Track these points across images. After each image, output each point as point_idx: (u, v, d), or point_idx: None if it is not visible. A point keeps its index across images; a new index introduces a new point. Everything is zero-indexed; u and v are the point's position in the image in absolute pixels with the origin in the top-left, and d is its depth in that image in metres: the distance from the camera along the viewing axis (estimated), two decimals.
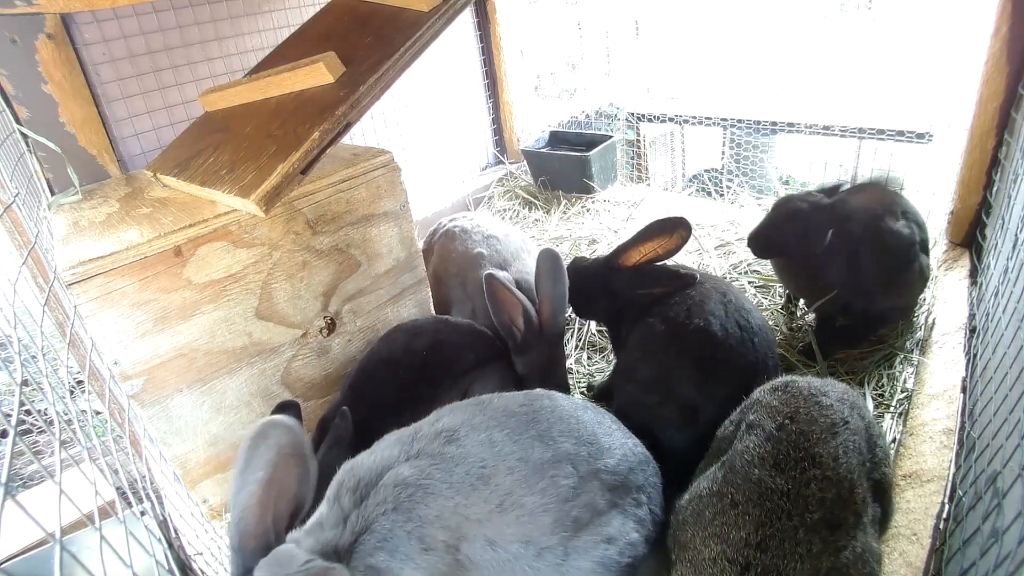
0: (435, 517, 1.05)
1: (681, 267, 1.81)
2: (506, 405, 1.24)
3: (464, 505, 1.07)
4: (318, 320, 1.83)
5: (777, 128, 3.68)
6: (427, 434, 1.17)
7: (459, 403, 1.28)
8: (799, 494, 1.01)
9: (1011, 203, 1.68)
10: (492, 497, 1.08)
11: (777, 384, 1.25)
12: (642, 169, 4.26)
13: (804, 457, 1.06)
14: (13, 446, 0.69)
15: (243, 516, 0.97)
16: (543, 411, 1.23)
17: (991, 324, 1.54)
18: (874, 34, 4.71)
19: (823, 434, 1.09)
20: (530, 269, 2.07)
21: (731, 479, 1.09)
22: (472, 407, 1.24)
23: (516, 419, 1.20)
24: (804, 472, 1.03)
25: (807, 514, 0.99)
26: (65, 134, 1.98)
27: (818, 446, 1.07)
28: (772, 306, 2.25)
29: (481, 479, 1.09)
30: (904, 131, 3.12)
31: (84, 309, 1.39)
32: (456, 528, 1.05)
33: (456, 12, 1.68)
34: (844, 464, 1.06)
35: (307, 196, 1.71)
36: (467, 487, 1.08)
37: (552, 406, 1.25)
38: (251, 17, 2.47)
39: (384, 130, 3.12)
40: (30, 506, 0.59)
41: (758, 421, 1.15)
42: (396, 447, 1.15)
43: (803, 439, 1.08)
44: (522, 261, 2.26)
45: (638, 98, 4.41)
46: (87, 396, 1.74)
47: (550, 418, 1.22)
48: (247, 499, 0.97)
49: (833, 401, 1.17)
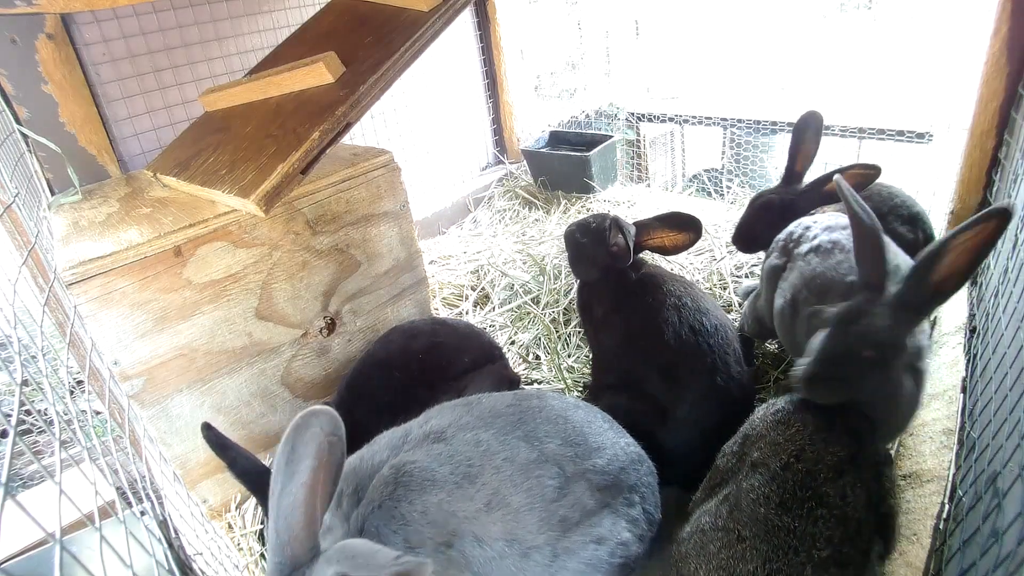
0: (420, 514, 1.04)
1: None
2: (494, 406, 1.24)
3: (449, 501, 1.07)
4: (318, 320, 1.83)
5: (777, 128, 3.68)
6: (416, 436, 1.17)
7: (448, 404, 1.28)
8: (806, 531, 1.00)
9: (1011, 203, 1.68)
10: (479, 496, 1.08)
11: (780, 413, 1.20)
12: (642, 169, 4.26)
13: (811, 496, 1.03)
14: (13, 446, 0.69)
15: (295, 507, 0.91)
16: (530, 412, 1.23)
17: (991, 324, 1.54)
18: (874, 34, 4.71)
19: (830, 472, 1.06)
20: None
21: (737, 516, 1.07)
22: (461, 408, 1.24)
23: (503, 420, 1.19)
24: (811, 512, 1.02)
25: (815, 551, 0.98)
26: (65, 134, 1.98)
27: (825, 485, 1.05)
28: None
29: (467, 477, 1.09)
30: (904, 131, 3.12)
31: (84, 309, 1.39)
32: (443, 524, 1.05)
33: (456, 12, 1.68)
34: (851, 502, 1.04)
35: (307, 196, 1.71)
36: (452, 484, 1.08)
37: (540, 406, 1.25)
38: (251, 17, 2.47)
39: (384, 130, 3.11)
40: (30, 506, 0.59)
41: (762, 459, 1.12)
42: (386, 450, 1.15)
43: (809, 479, 1.06)
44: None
45: (638, 98, 4.41)
46: (87, 396, 1.74)
47: (537, 419, 1.21)
48: (299, 489, 0.92)
49: (841, 434, 1.13)
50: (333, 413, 0.98)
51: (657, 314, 1.63)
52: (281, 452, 0.94)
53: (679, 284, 1.72)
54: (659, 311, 1.63)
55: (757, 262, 2.47)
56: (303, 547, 0.91)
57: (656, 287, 1.70)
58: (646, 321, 1.64)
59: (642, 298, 1.70)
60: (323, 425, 0.96)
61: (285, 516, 0.92)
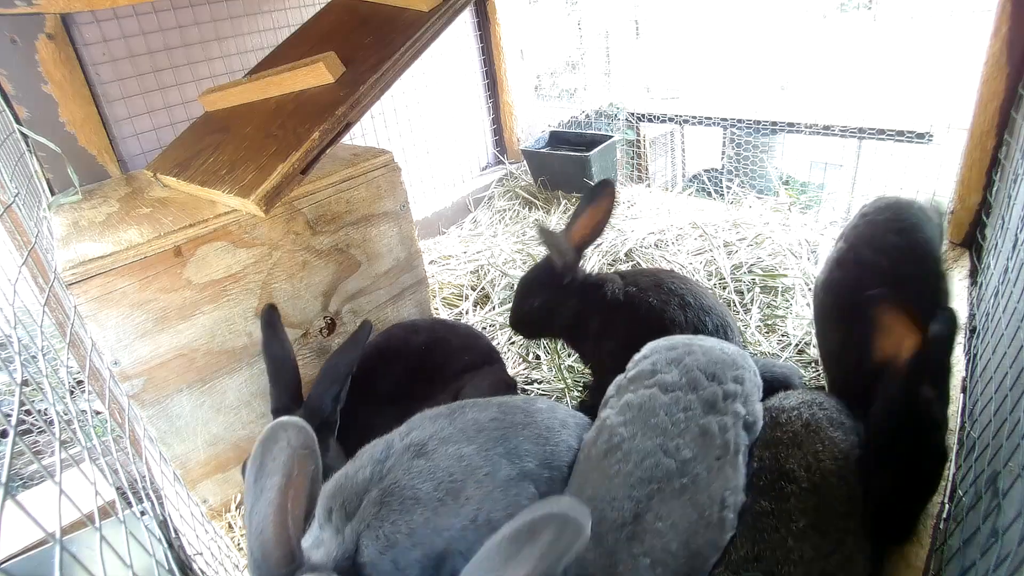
0: (406, 535, 1.02)
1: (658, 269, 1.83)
2: (477, 419, 1.20)
3: (433, 519, 1.04)
4: (318, 320, 1.83)
5: (777, 128, 3.68)
6: (398, 449, 1.14)
7: (431, 413, 1.24)
8: (781, 510, 1.05)
9: (1011, 203, 1.68)
10: (464, 511, 1.06)
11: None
12: (642, 169, 4.26)
13: (779, 477, 1.09)
14: (13, 446, 0.69)
15: (264, 526, 0.90)
16: (513, 428, 1.20)
17: (991, 324, 1.54)
18: (874, 34, 4.71)
19: (789, 449, 1.13)
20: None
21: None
22: (443, 419, 1.21)
23: (485, 435, 1.17)
24: (782, 490, 1.07)
25: (791, 524, 1.03)
26: (65, 134, 1.98)
27: (787, 462, 1.11)
28: (773, 306, 2.25)
29: (450, 493, 1.07)
30: (904, 131, 3.12)
31: (84, 309, 1.39)
32: (431, 544, 1.03)
33: (456, 12, 1.68)
34: (818, 470, 1.09)
35: (307, 196, 1.71)
36: (436, 502, 1.05)
37: (525, 422, 1.21)
38: (251, 17, 2.47)
39: (384, 130, 3.12)
40: (30, 506, 0.59)
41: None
42: (369, 466, 1.11)
43: (773, 461, 1.12)
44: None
45: (638, 98, 4.41)
46: (87, 396, 1.73)
47: (520, 436, 1.18)
48: (266, 508, 0.90)
49: (790, 410, 1.21)
50: (303, 425, 0.95)
51: (662, 318, 1.62)
52: (250, 468, 0.92)
53: (680, 280, 1.72)
54: (664, 312, 1.63)
55: (756, 261, 2.47)
56: (277, 565, 0.90)
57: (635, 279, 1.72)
58: (650, 326, 1.61)
59: (636, 294, 1.69)
60: (291, 439, 0.93)
61: (256, 535, 0.90)
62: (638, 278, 1.75)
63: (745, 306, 2.26)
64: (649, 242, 2.74)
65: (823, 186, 4.44)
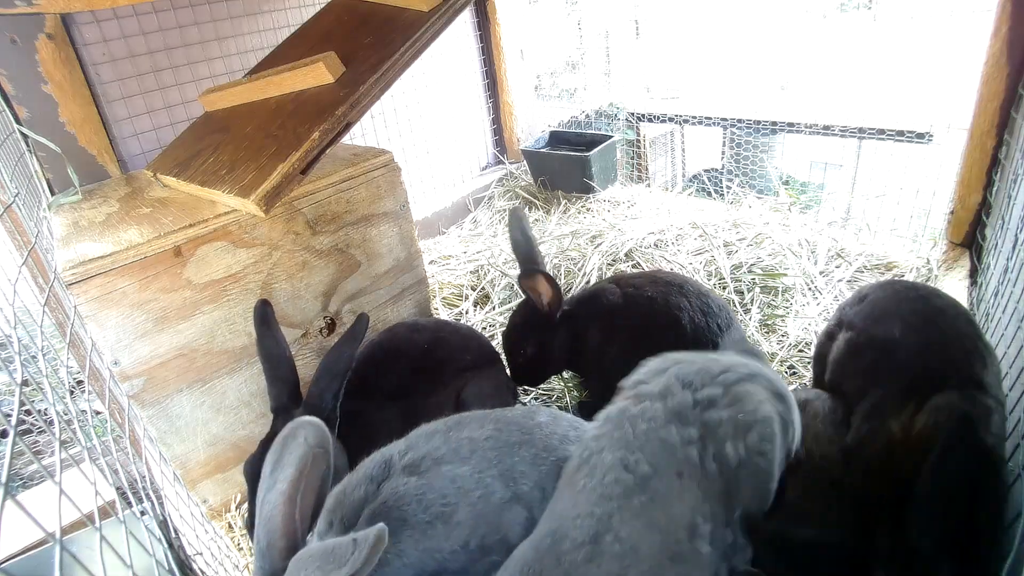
0: (396, 556, 1.01)
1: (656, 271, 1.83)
2: (472, 437, 1.18)
3: (423, 540, 1.04)
4: (318, 320, 1.83)
5: (777, 128, 3.68)
6: (395, 469, 1.13)
7: (428, 428, 1.22)
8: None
9: (1011, 203, 1.68)
10: (455, 535, 1.05)
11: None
12: (642, 169, 4.26)
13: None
14: (13, 446, 0.69)
15: (273, 514, 0.94)
16: (509, 448, 1.17)
17: (991, 324, 1.54)
18: (874, 34, 4.71)
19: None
20: None
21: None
22: (440, 436, 1.19)
23: (479, 455, 1.15)
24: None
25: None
26: (65, 134, 1.98)
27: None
28: (772, 306, 2.25)
29: (441, 517, 1.05)
30: (904, 131, 3.12)
31: (84, 309, 1.38)
32: (422, 567, 1.03)
33: (456, 12, 1.68)
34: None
35: (307, 196, 1.71)
36: (425, 524, 1.04)
37: (521, 441, 1.18)
38: (251, 17, 2.47)
39: (384, 130, 3.12)
40: (30, 506, 0.59)
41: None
42: (364, 485, 1.10)
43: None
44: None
45: (638, 98, 4.41)
46: (87, 396, 1.73)
47: (515, 456, 1.16)
48: (277, 497, 0.95)
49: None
50: (321, 426, 1.01)
51: (667, 304, 1.64)
52: (268, 461, 0.98)
53: (674, 274, 1.74)
54: (668, 299, 1.64)
55: (756, 261, 2.47)
56: (281, 555, 0.93)
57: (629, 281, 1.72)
58: (656, 313, 1.64)
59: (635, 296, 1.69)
60: (308, 437, 1.00)
61: (265, 523, 0.95)
62: (632, 279, 1.76)
63: (745, 306, 2.26)
64: (649, 242, 2.73)
65: (823, 186, 4.43)
